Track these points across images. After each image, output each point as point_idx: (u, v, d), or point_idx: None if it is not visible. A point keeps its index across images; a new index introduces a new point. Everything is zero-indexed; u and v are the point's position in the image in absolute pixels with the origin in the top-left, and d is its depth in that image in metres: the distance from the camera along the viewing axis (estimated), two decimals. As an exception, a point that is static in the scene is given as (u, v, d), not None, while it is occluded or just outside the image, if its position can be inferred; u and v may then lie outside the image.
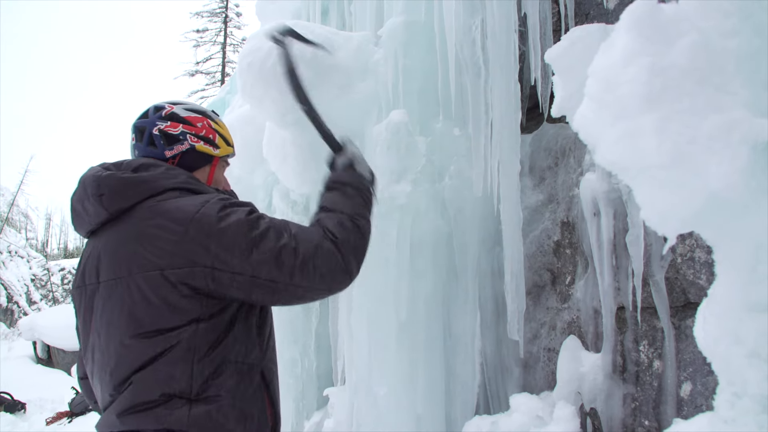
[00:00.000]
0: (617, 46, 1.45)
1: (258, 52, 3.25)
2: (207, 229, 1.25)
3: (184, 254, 1.24)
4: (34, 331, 12.92)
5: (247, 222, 1.30)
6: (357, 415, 3.31)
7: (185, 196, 1.35)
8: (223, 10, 21.23)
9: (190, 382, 1.23)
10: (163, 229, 1.26)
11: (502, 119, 2.85)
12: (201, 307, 1.26)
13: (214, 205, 1.30)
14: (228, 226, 1.27)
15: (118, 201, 1.33)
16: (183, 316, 1.24)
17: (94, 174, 1.37)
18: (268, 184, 4.55)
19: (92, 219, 1.37)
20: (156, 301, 1.24)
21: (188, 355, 1.24)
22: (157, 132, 1.46)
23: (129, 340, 1.25)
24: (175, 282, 1.24)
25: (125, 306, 1.26)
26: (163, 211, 1.29)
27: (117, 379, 1.26)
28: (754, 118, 1.31)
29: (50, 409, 8.67)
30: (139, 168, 1.38)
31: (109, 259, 1.31)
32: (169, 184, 1.36)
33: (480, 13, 2.95)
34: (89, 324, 1.35)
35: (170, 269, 1.24)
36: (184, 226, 1.25)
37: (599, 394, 2.63)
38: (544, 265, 3.17)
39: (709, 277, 2.18)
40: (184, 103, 1.54)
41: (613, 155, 1.44)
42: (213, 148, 1.53)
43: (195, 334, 1.25)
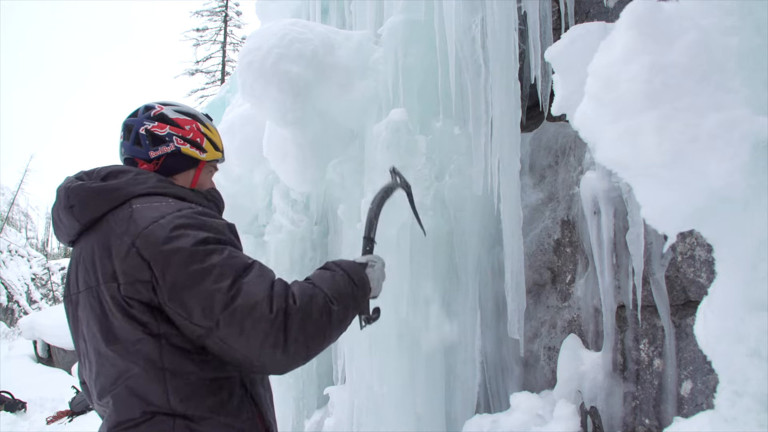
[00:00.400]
0: (617, 45, 1.45)
1: (258, 51, 3.24)
2: (150, 248, 1.21)
3: (127, 268, 1.22)
4: (34, 330, 12.94)
5: (191, 253, 1.20)
6: (357, 413, 3.31)
7: (150, 202, 1.31)
8: (223, 8, 21.21)
9: (167, 399, 1.21)
10: (120, 240, 1.25)
11: (502, 118, 2.85)
12: (157, 321, 1.22)
13: (169, 223, 1.23)
14: (170, 252, 1.20)
15: (88, 212, 1.33)
16: (142, 329, 1.22)
17: (66, 185, 1.37)
18: (269, 182, 4.55)
19: (68, 230, 1.38)
20: (116, 312, 1.23)
21: (159, 374, 1.21)
22: (143, 131, 1.45)
23: (104, 349, 1.25)
24: (124, 294, 1.22)
25: (97, 315, 1.27)
26: (119, 220, 1.28)
27: (99, 391, 1.28)
28: (754, 116, 1.31)
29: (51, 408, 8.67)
30: (108, 176, 1.37)
31: (83, 269, 1.31)
32: (137, 190, 1.34)
33: (480, 12, 2.95)
34: (76, 332, 1.37)
35: (121, 282, 1.23)
36: (132, 239, 1.23)
37: (600, 392, 2.63)
38: (544, 264, 3.17)
39: (710, 276, 2.17)
40: (175, 104, 1.53)
41: (614, 153, 1.44)
42: (200, 152, 1.50)
43: (159, 348, 1.21)
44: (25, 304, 19.35)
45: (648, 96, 1.35)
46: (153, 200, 1.32)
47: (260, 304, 1.18)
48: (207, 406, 1.23)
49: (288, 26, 3.33)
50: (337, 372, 3.87)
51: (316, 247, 4.34)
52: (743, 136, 1.28)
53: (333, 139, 3.55)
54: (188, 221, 1.25)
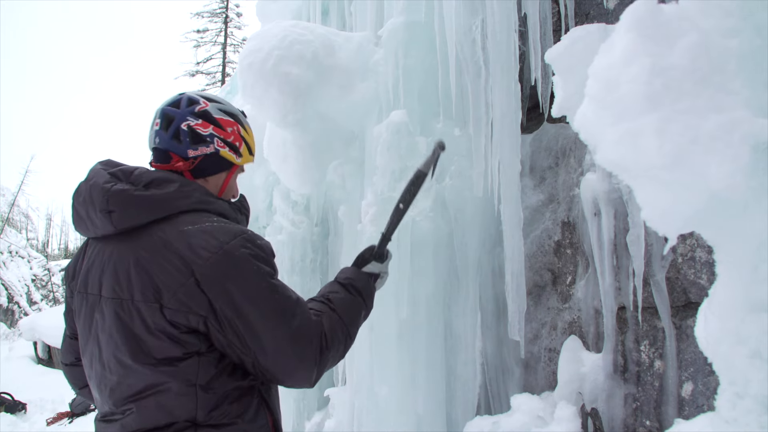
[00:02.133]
0: (617, 46, 1.45)
1: (258, 52, 3.25)
2: (211, 284, 1.21)
3: (183, 297, 1.20)
4: (34, 331, 12.94)
5: (252, 292, 1.24)
6: (358, 415, 3.31)
7: (200, 223, 1.28)
8: (224, 10, 21.24)
9: (194, 412, 1.23)
10: (171, 266, 1.21)
11: (503, 119, 2.85)
12: (200, 342, 1.24)
13: (229, 256, 1.23)
14: (232, 290, 1.22)
15: (129, 220, 1.27)
16: (183, 348, 1.22)
17: (102, 185, 1.29)
18: (269, 184, 4.56)
19: (98, 230, 1.32)
20: (156, 331, 1.21)
21: (191, 390, 1.22)
22: (185, 127, 1.37)
23: (131, 362, 1.23)
24: (170, 319, 1.21)
25: (127, 329, 1.24)
26: (174, 245, 1.23)
27: (117, 398, 1.26)
28: (755, 118, 1.31)
29: (51, 410, 8.68)
30: (151, 184, 1.30)
31: (112, 277, 1.27)
32: (182, 205, 1.29)
33: (480, 13, 2.95)
34: (89, 331, 1.33)
35: (168, 307, 1.20)
36: (191, 269, 1.20)
37: (600, 394, 2.63)
38: (544, 265, 3.17)
39: (710, 277, 2.17)
40: (218, 101, 1.46)
41: (614, 155, 1.44)
42: (236, 156, 1.46)
43: (197, 366, 1.23)
44: (25, 305, 19.36)
45: (648, 98, 1.35)
46: (201, 218, 1.29)
47: (309, 352, 1.28)
48: (231, 414, 1.26)
49: (288, 28, 3.34)
50: (338, 373, 3.87)
51: (317, 248, 4.34)
52: (743, 137, 1.28)
53: (333, 141, 3.55)
54: (246, 252, 1.26)
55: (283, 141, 3.55)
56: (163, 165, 1.39)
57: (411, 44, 3.27)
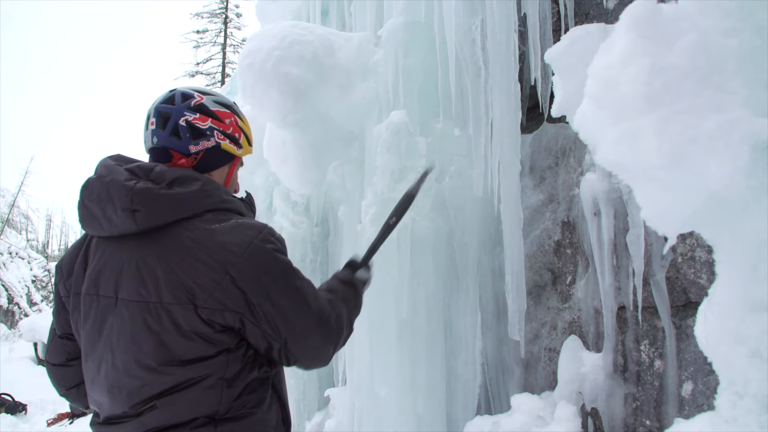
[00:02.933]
0: (617, 46, 1.45)
1: (258, 53, 3.25)
2: (246, 279, 1.23)
3: (220, 296, 1.21)
4: (35, 332, 12.93)
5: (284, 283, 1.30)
6: (358, 415, 3.31)
7: (225, 220, 1.29)
8: (223, 10, 21.24)
9: (217, 407, 1.24)
10: (202, 263, 1.21)
11: (503, 119, 2.85)
12: (231, 339, 1.26)
13: (258, 250, 1.26)
14: (267, 283, 1.26)
15: (154, 220, 1.24)
16: (215, 347, 1.24)
17: (124, 183, 1.25)
18: (269, 184, 4.56)
19: (115, 229, 1.28)
20: (189, 333, 1.21)
21: (219, 383, 1.24)
22: (183, 123, 1.35)
23: (156, 365, 1.22)
24: (206, 319, 1.22)
25: (152, 331, 1.22)
26: (203, 244, 1.23)
27: (135, 399, 1.24)
28: (754, 118, 1.31)
29: (51, 411, 8.68)
30: (175, 183, 1.27)
31: (134, 279, 1.24)
32: (207, 205, 1.29)
33: (480, 14, 2.95)
34: (98, 335, 1.29)
35: (203, 307, 1.21)
36: (226, 267, 1.22)
37: (600, 393, 2.63)
38: (544, 265, 3.17)
39: (710, 277, 2.18)
40: (212, 93, 1.44)
41: (614, 155, 1.44)
42: (237, 148, 1.44)
43: (226, 362, 1.25)
44: (25, 306, 19.36)
45: (647, 98, 1.35)
46: (225, 217, 1.30)
47: (331, 330, 1.41)
48: (251, 405, 1.29)
49: (288, 28, 3.34)
50: (338, 374, 3.87)
51: (317, 248, 4.34)
52: (743, 137, 1.28)
53: (333, 141, 3.55)
54: (272, 247, 1.30)
55: (283, 141, 3.55)
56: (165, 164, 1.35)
57: (411, 44, 3.27)
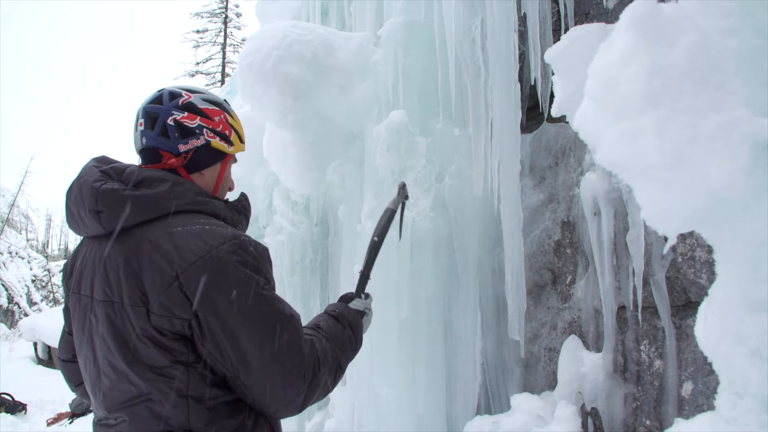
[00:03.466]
0: (617, 46, 1.45)
1: (258, 52, 3.25)
2: (195, 288, 1.15)
3: (165, 301, 1.16)
4: (34, 332, 12.94)
5: (237, 302, 1.17)
6: (358, 415, 3.31)
7: (191, 225, 1.23)
8: (223, 10, 21.25)
9: (188, 423, 1.18)
10: (156, 268, 1.17)
11: (502, 119, 2.85)
12: (188, 350, 1.18)
13: (215, 260, 1.18)
14: (217, 297, 1.16)
15: (117, 221, 1.22)
16: (171, 357, 1.18)
17: (92, 183, 1.25)
18: (269, 184, 4.56)
19: (89, 230, 1.29)
20: (143, 337, 1.18)
21: (183, 401, 1.18)
22: (172, 122, 1.32)
23: (122, 366, 1.20)
24: (155, 324, 1.17)
25: (118, 332, 1.20)
26: (162, 247, 1.18)
27: (110, 404, 1.23)
28: (754, 118, 1.31)
29: (51, 410, 8.68)
30: (142, 183, 1.25)
31: (103, 279, 1.23)
32: (174, 206, 1.25)
33: (480, 13, 2.95)
34: (82, 333, 1.30)
35: (152, 311, 1.17)
36: (176, 272, 1.16)
37: (600, 393, 2.63)
38: (544, 265, 3.17)
39: (710, 277, 2.17)
40: (200, 91, 1.42)
41: (614, 155, 1.44)
42: (228, 146, 1.42)
43: (187, 376, 1.18)
44: (25, 305, 19.36)
45: (647, 97, 1.35)
46: (192, 220, 1.24)
47: (294, 374, 1.21)
48: (230, 428, 1.22)
49: (288, 28, 3.34)
50: (338, 373, 3.87)
51: (317, 248, 4.34)
52: (743, 137, 1.28)
53: (333, 141, 3.55)
54: (236, 259, 1.19)
55: (283, 141, 3.55)
56: (155, 165, 1.34)
57: (410, 44, 3.27)
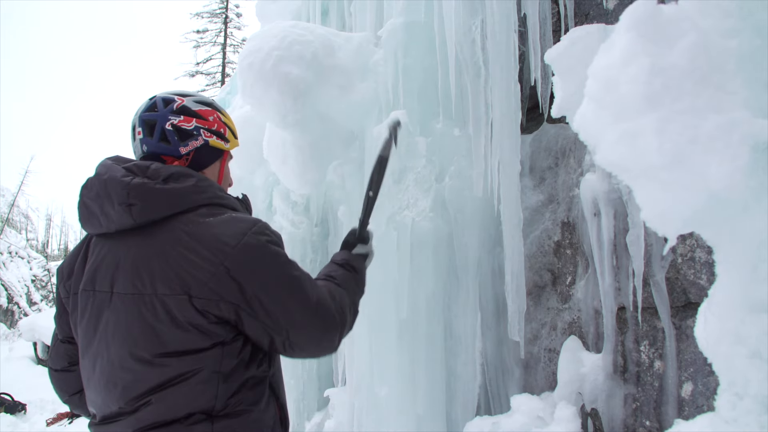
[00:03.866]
0: (617, 47, 1.45)
1: (258, 53, 3.25)
2: (242, 270, 1.25)
3: (214, 286, 1.23)
4: (34, 331, 12.93)
5: (279, 274, 1.30)
6: (358, 415, 3.31)
7: (219, 214, 1.31)
8: (224, 10, 21.24)
9: (213, 402, 1.25)
10: (197, 255, 1.24)
11: (502, 119, 2.85)
12: (226, 332, 1.27)
13: (253, 242, 1.28)
14: (262, 274, 1.27)
15: (150, 214, 1.28)
16: (210, 339, 1.25)
17: (120, 179, 1.29)
18: (269, 184, 4.55)
19: (112, 225, 1.31)
20: (183, 324, 1.23)
21: (214, 377, 1.25)
22: (170, 127, 1.38)
23: (150, 357, 1.23)
24: (201, 309, 1.23)
25: (147, 323, 1.24)
26: (198, 236, 1.26)
27: (131, 394, 1.25)
28: (754, 119, 1.31)
29: (51, 410, 8.68)
30: (170, 178, 1.31)
31: (130, 272, 1.26)
32: (200, 200, 1.32)
33: (480, 14, 2.95)
34: (94, 331, 1.30)
35: (198, 297, 1.22)
36: (221, 258, 1.23)
37: (600, 394, 2.63)
38: (544, 266, 3.17)
39: (710, 277, 2.17)
40: (190, 94, 1.48)
41: (614, 156, 1.44)
42: (224, 143, 1.49)
43: (221, 356, 1.26)
44: (25, 305, 19.35)
45: (647, 98, 1.35)
46: (218, 212, 1.33)
47: (332, 319, 1.38)
48: (247, 402, 1.30)
49: (288, 28, 3.34)
50: (338, 374, 3.87)
51: (317, 248, 4.34)
52: (743, 138, 1.28)
53: (333, 141, 3.55)
54: (267, 238, 1.31)
55: (283, 141, 3.55)
56: None
57: (411, 44, 3.27)
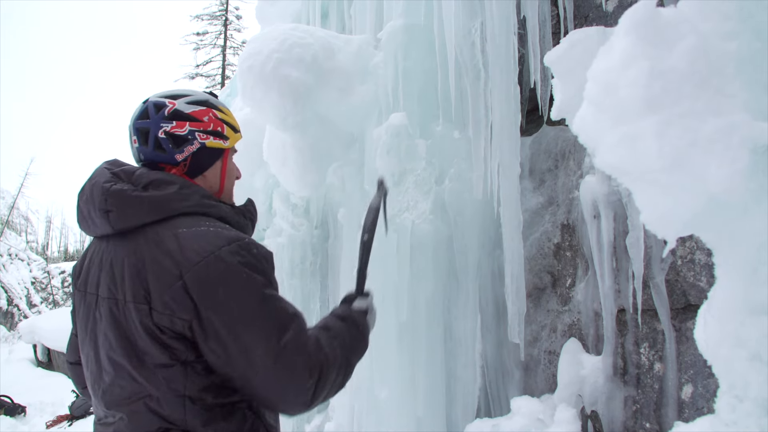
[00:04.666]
0: (616, 50, 1.45)
1: (258, 55, 3.25)
2: (199, 289, 1.17)
3: (169, 300, 1.18)
4: (34, 334, 12.93)
5: (242, 302, 1.19)
6: (358, 417, 3.31)
7: (196, 226, 1.26)
8: (223, 13, 21.27)
9: (185, 421, 1.20)
10: (161, 267, 1.20)
11: (502, 122, 2.85)
12: (186, 349, 1.20)
13: (220, 261, 1.19)
14: (221, 298, 1.18)
15: (126, 221, 1.27)
16: (170, 354, 1.19)
17: (103, 184, 1.29)
18: (269, 186, 4.55)
19: (98, 229, 1.33)
20: (143, 335, 1.20)
21: (180, 401, 1.20)
22: (163, 135, 1.35)
23: (123, 362, 1.22)
24: (156, 322, 1.19)
25: (121, 329, 1.23)
26: (167, 246, 1.21)
27: (108, 401, 1.26)
28: (753, 121, 1.31)
29: (50, 413, 8.67)
30: (150, 185, 1.29)
31: (108, 276, 1.27)
32: (180, 207, 1.28)
33: (479, 16, 2.95)
34: (85, 331, 1.33)
35: (155, 309, 1.19)
36: (180, 271, 1.18)
37: (600, 396, 2.63)
38: (544, 268, 3.17)
39: (710, 280, 2.17)
40: (183, 95, 1.42)
41: (613, 158, 1.45)
42: (223, 141, 1.43)
43: (184, 376, 1.20)
44: (25, 307, 19.34)
45: (647, 101, 1.36)
46: (198, 222, 1.27)
47: (300, 371, 1.21)
48: (228, 430, 1.23)
49: (288, 31, 3.34)
50: (338, 376, 3.86)
51: (317, 251, 4.34)
52: (742, 140, 1.28)
53: (333, 143, 3.55)
54: (240, 259, 1.21)
55: (283, 144, 3.55)
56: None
57: (410, 47, 3.28)
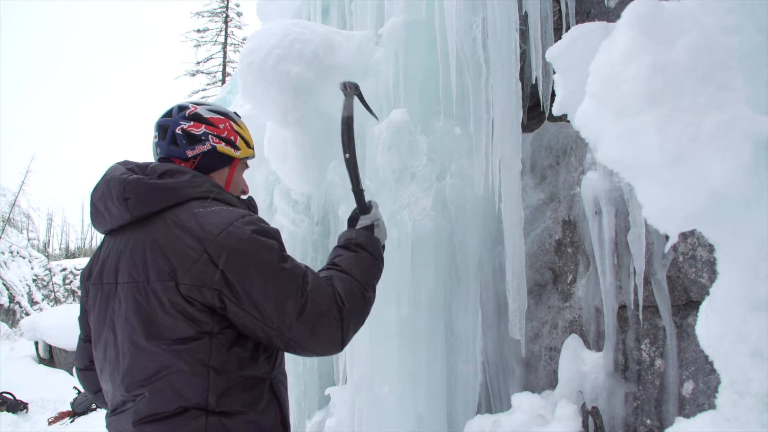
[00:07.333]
0: (618, 44, 1.45)
1: (259, 51, 3.24)
2: (224, 257, 1.27)
3: (198, 272, 1.27)
4: (35, 331, 12.94)
5: (265, 262, 1.30)
6: (359, 414, 3.31)
7: (210, 207, 1.37)
8: (224, 9, 21.25)
9: (205, 396, 1.27)
10: (184, 243, 1.29)
11: (504, 118, 2.85)
12: (212, 321, 1.29)
13: (239, 231, 1.31)
14: (246, 262, 1.28)
15: (144, 206, 1.36)
16: (196, 327, 1.27)
17: (119, 176, 1.39)
18: (269, 183, 4.55)
19: (115, 220, 1.40)
20: (171, 310, 1.27)
21: (203, 371, 1.27)
22: (179, 131, 1.49)
23: (145, 342, 1.28)
24: (186, 295, 1.27)
25: (142, 310, 1.29)
26: (186, 225, 1.31)
27: (129, 384, 1.30)
28: (756, 116, 1.31)
29: (52, 409, 8.68)
30: (165, 174, 1.40)
31: (128, 262, 1.34)
32: (194, 193, 1.39)
33: (481, 12, 2.94)
34: (103, 321, 1.38)
35: (183, 283, 1.27)
36: (204, 245, 1.28)
37: (601, 392, 2.63)
38: (545, 264, 3.17)
39: (711, 276, 2.17)
40: (208, 104, 1.58)
41: (615, 153, 1.44)
42: (233, 150, 1.56)
43: (209, 347, 1.28)
44: (26, 305, 19.37)
45: (649, 95, 1.35)
46: (211, 204, 1.38)
47: (325, 315, 1.33)
48: (242, 402, 1.31)
49: (289, 27, 3.33)
50: (339, 372, 3.87)
51: (317, 247, 4.34)
52: (744, 135, 1.28)
53: (334, 140, 3.52)
54: (254, 228, 1.33)
55: (284, 140, 3.54)
56: None
57: (411, 43, 3.27)
